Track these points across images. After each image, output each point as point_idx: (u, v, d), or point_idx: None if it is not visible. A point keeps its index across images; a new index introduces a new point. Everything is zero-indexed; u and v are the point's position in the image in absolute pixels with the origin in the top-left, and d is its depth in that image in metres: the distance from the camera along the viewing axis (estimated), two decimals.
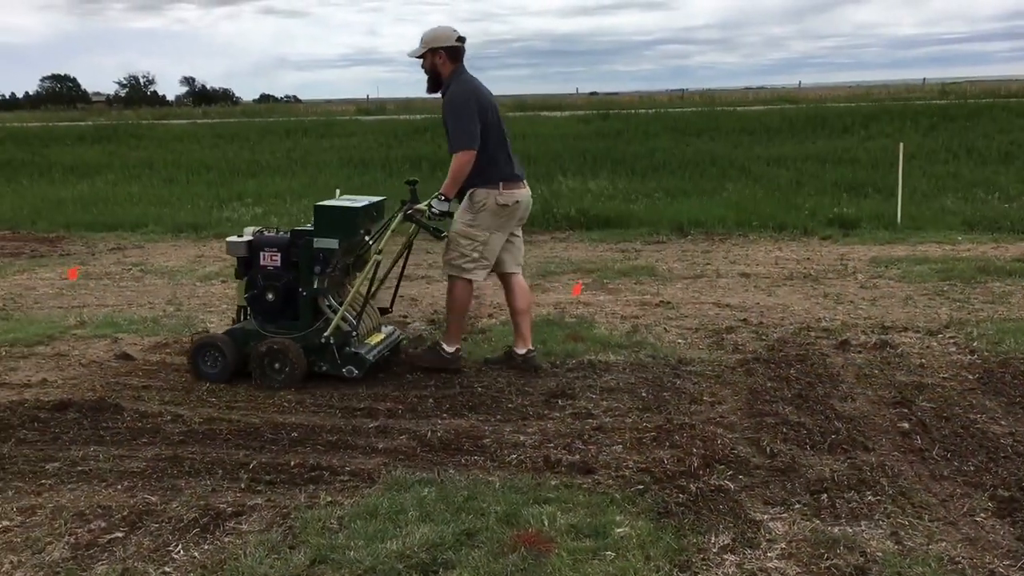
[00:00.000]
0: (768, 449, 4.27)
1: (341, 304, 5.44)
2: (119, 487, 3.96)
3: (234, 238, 5.66)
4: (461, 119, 5.36)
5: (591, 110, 26.16)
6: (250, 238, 5.60)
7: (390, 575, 3.15)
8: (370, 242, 5.61)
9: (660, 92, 49.55)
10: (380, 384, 5.37)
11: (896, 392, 5.05)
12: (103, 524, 3.61)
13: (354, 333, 5.39)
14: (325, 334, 5.31)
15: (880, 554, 3.27)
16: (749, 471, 4.05)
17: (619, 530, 3.47)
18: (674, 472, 4.02)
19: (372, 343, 5.59)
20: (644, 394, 5.11)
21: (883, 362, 5.64)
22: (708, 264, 9.11)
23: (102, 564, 3.30)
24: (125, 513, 3.68)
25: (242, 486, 3.94)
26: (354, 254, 5.63)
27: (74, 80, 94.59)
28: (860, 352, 5.87)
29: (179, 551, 3.38)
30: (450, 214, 5.50)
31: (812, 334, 6.36)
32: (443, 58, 5.51)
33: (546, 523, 3.51)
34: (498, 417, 4.78)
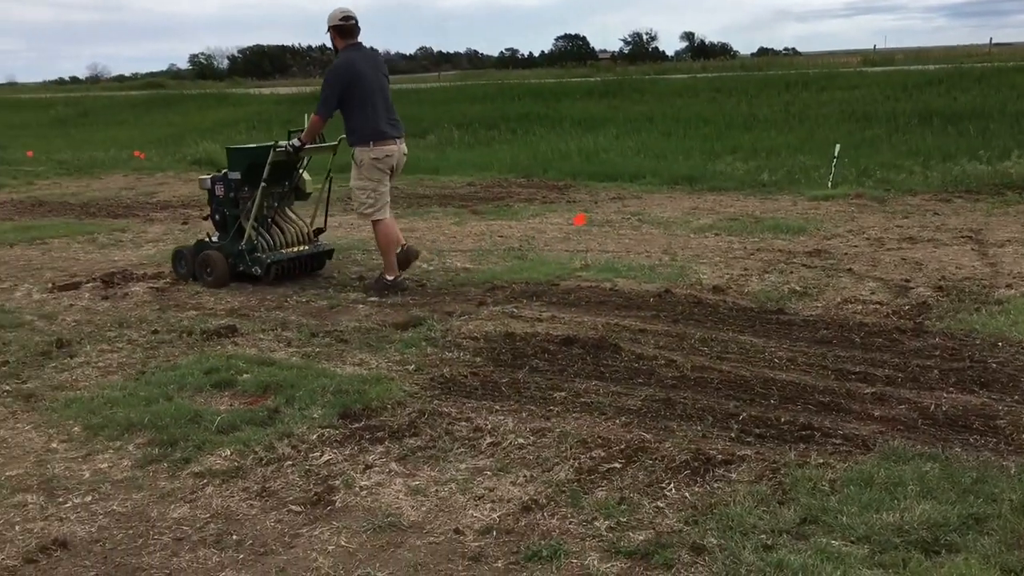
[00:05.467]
0: None
1: (271, 223, 7.36)
2: (617, 421, 4.20)
3: (204, 176, 7.55)
4: (324, 90, 6.79)
5: None
6: (211, 176, 7.40)
7: (886, 547, 2.98)
8: (302, 173, 7.48)
9: None
10: (878, 350, 5.09)
11: None
12: (602, 454, 3.85)
13: (257, 241, 7.13)
14: (241, 244, 7.08)
15: None
16: None
17: None
18: None
19: (288, 252, 7.29)
20: None
21: None
22: None
23: (601, 490, 3.53)
24: (622, 447, 3.90)
25: (732, 435, 3.97)
26: (280, 187, 7.37)
27: (584, 39, 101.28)
28: None
29: (671, 489, 3.51)
30: (303, 149, 7.01)
31: None
32: (334, 34, 6.84)
33: None
34: (1016, 397, 4.29)
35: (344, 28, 6.80)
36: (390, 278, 6.85)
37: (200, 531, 3.35)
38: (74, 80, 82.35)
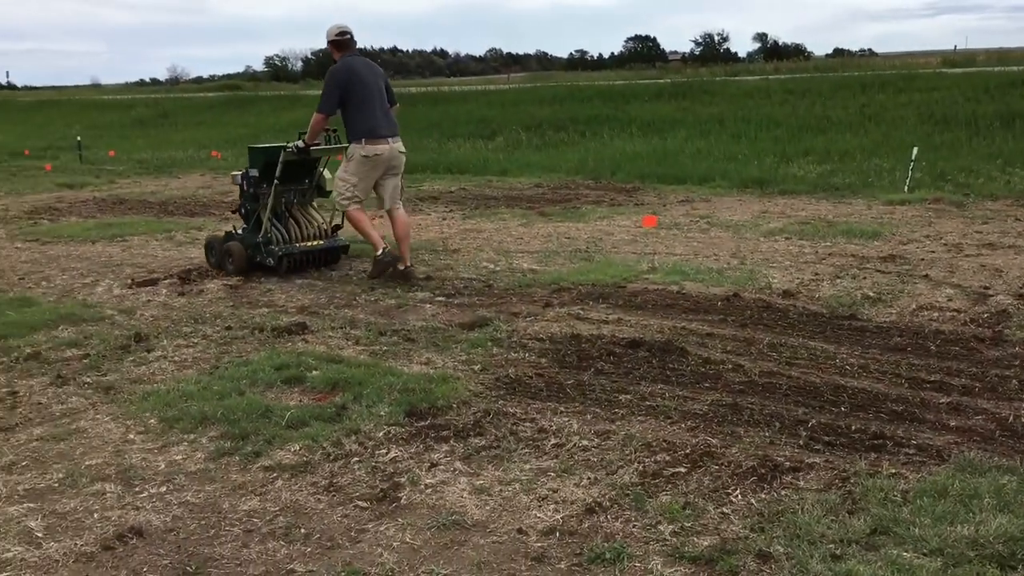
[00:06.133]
0: None
1: (288, 218, 7.86)
2: (682, 426, 4.16)
3: (235, 172, 8.09)
4: (324, 91, 7.37)
5: None
6: (241, 172, 7.91)
7: (960, 561, 2.90)
8: (323, 171, 7.99)
9: None
10: (954, 358, 4.97)
11: None
12: (667, 458, 3.83)
13: (271, 234, 7.62)
14: (259, 237, 7.59)
15: None
16: None
17: None
18: None
19: (302, 246, 7.77)
20: None
21: None
22: None
23: (666, 494, 3.51)
24: (688, 451, 3.87)
25: (800, 443, 3.92)
26: (300, 184, 7.92)
27: (654, 40, 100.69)
28: None
29: (737, 495, 3.47)
30: (306, 149, 7.54)
31: None
32: (331, 48, 7.55)
33: None
34: None
35: (341, 42, 7.51)
36: (378, 252, 7.34)
37: (270, 523, 3.41)
38: (154, 82, 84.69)
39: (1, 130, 31.32)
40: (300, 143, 7.55)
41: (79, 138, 21.69)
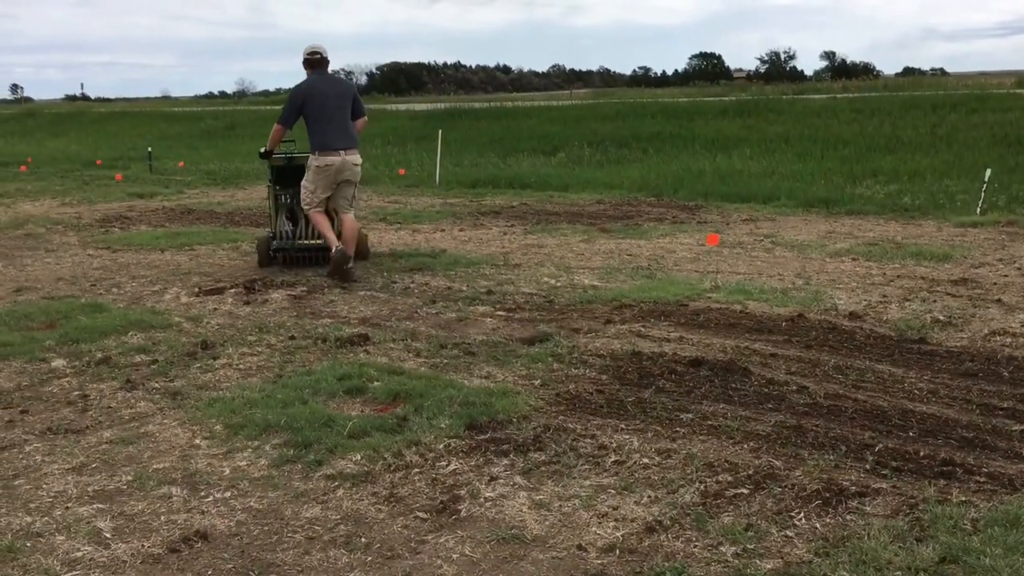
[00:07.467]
0: None
1: (302, 218, 8.62)
2: (745, 446, 4.11)
3: None
4: (285, 106, 8.26)
5: None
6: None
7: None
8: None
9: None
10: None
11: None
12: (729, 478, 3.78)
13: (277, 231, 8.69)
14: (270, 232, 8.74)
15: None
16: None
17: None
18: None
19: (298, 243, 8.61)
20: None
21: None
22: None
23: (728, 515, 3.46)
24: (750, 472, 3.82)
25: (866, 467, 3.84)
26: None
27: (719, 57, 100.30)
28: None
29: (801, 518, 3.41)
30: (269, 155, 8.62)
31: None
32: (305, 66, 8.24)
33: None
34: None
35: (311, 60, 8.23)
36: (333, 250, 7.93)
37: (331, 531, 3.44)
38: (223, 94, 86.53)
39: (75, 140, 32.26)
40: (262, 150, 8.62)
41: (150, 149, 22.20)
